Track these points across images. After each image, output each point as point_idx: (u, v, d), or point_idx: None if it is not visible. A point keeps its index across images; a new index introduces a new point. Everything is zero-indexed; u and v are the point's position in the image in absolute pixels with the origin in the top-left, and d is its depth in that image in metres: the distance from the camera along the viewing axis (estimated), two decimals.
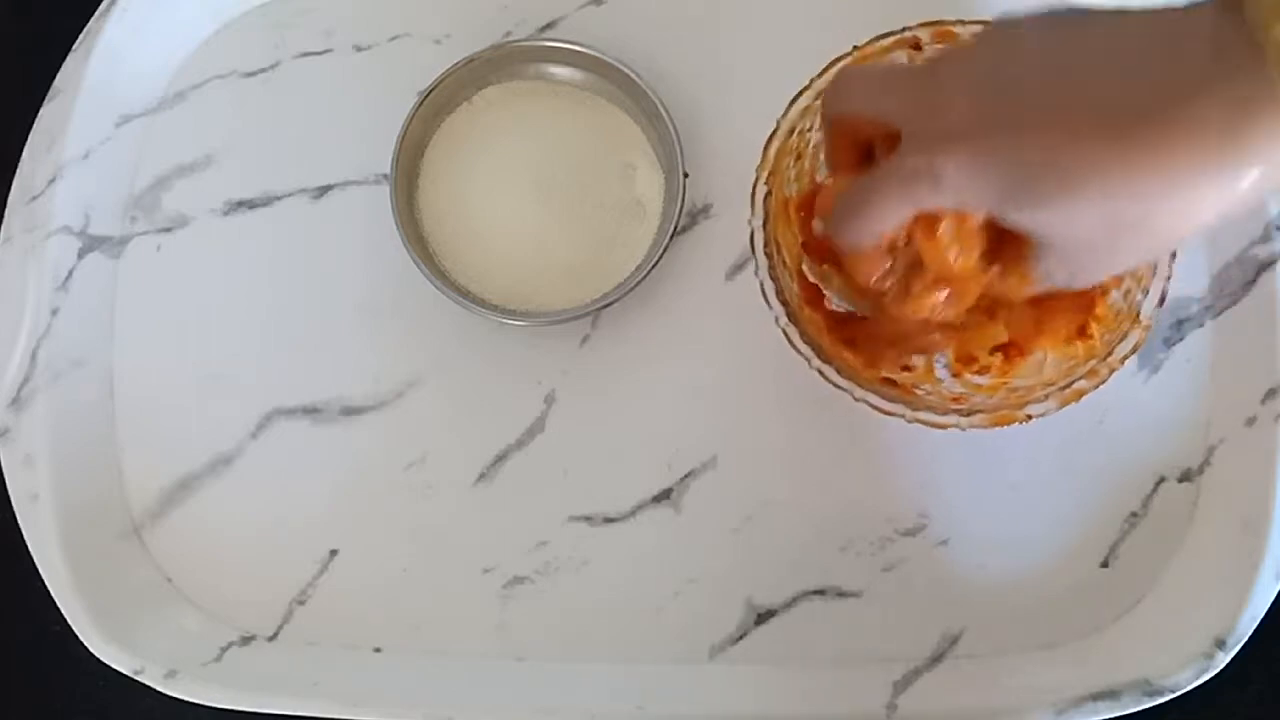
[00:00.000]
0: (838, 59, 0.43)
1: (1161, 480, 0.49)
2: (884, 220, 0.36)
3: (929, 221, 0.36)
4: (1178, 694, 0.45)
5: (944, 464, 0.49)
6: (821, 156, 0.45)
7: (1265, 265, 0.49)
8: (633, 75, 0.50)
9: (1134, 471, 0.49)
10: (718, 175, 0.51)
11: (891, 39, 0.43)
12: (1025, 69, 0.33)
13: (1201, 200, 0.30)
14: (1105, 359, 0.42)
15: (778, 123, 0.43)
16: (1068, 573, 0.49)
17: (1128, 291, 0.43)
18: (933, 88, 0.35)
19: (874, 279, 0.40)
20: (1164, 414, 0.49)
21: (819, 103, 0.43)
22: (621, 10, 0.53)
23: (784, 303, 0.43)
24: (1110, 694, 0.45)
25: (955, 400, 0.43)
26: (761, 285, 0.43)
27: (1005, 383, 0.44)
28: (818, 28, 0.51)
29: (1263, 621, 0.46)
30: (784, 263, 0.44)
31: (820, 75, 0.43)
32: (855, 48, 0.43)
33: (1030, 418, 0.42)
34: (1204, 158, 0.29)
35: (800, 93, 0.44)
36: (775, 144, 0.43)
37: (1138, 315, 0.42)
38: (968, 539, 0.49)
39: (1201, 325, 0.50)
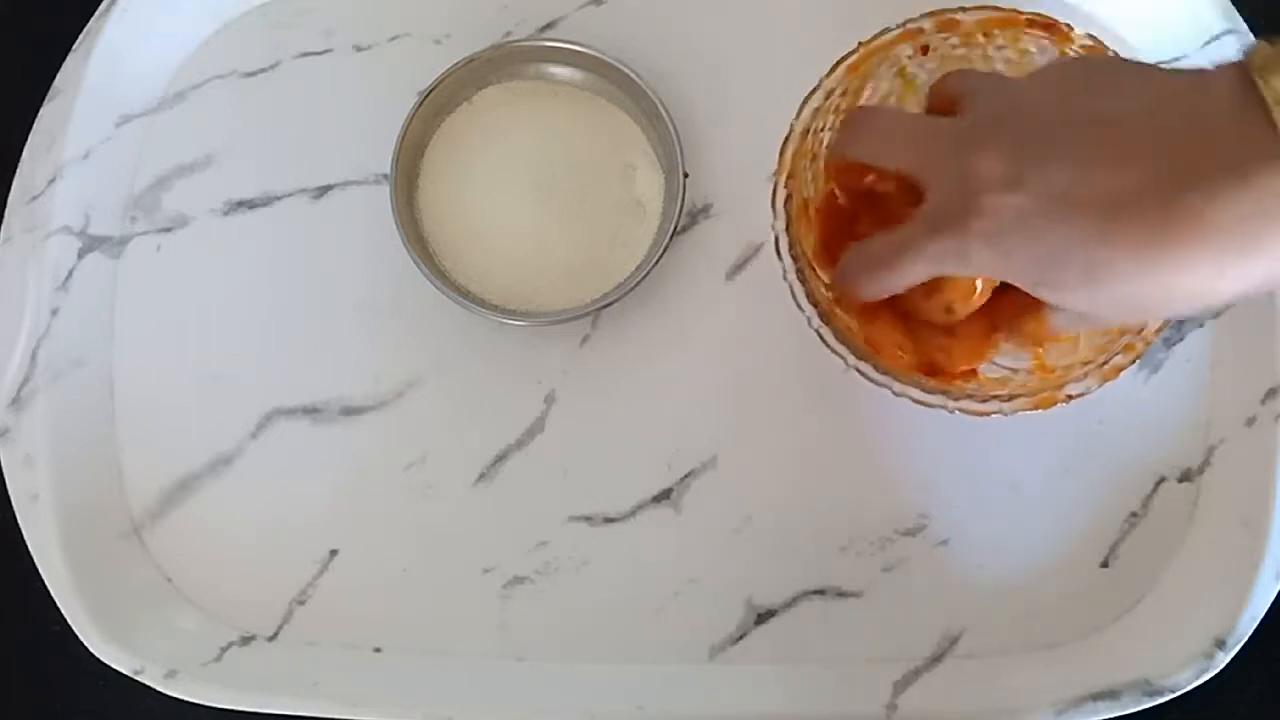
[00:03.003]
0: (844, 57, 0.43)
1: (1161, 480, 0.49)
2: (904, 283, 0.38)
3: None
4: (1178, 694, 0.45)
5: (944, 464, 0.49)
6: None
7: None
8: (633, 75, 0.50)
9: (1134, 471, 0.49)
10: (718, 175, 0.51)
11: (896, 32, 0.43)
12: (1051, 139, 0.33)
13: (1224, 286, 0.31)
14: (1139, 333, 0.42)
15: (791, 126, 0.43)
16: (1068, 573, 0.49)
17: None
18: (958, 160, 0.35)
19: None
20: (1164, 414, 0.49)
21: (830, 102, 0.43)
22: (621, 10, 0.53)
23: (815, 304, 0.43)
24: (1110, 694, 0.45)
25: (995, 385, 0.43)
26: (791, 289, 0.43)
27: (1041, 363, 0.44)
28: (817, 27, 0.51)
29: (1263, 621, 0.46)
30: (810, 265, 0.44)
31: (830, 74, 0.43)
32: (861, 44, 0.43)
33: (1071, 398, 0.42)
34: (1230, 254, 0.30)
35: (811, 94, 0.43)
36: (790, 147, 0.43)
37: None
38: (968, 539, 0.49)
39: (1201, 325, 0.50)
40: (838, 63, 0.43)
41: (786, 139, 0.43)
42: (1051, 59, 0.42)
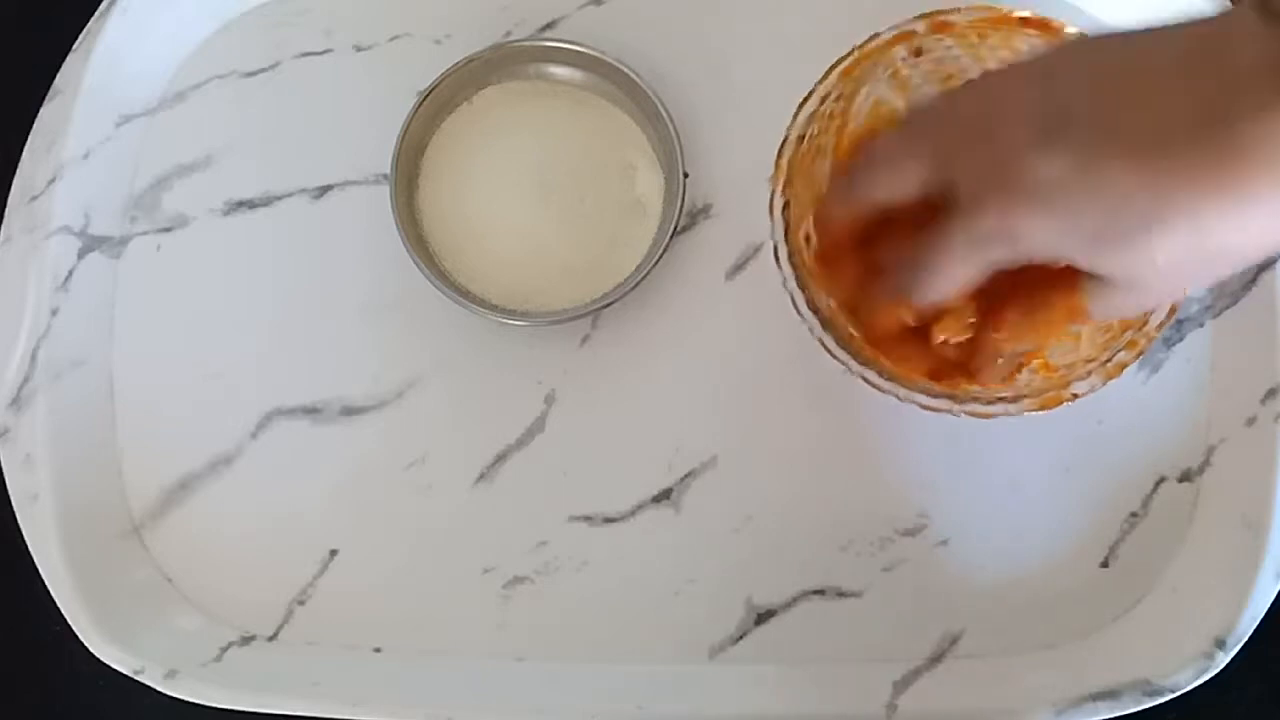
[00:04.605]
0: (837, 62, 0.43)
1: (1161, 480, 0.49)
2: (957, 281, 0.36)
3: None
4: (1178, 694, 0.45)
5: (944, 464, 0.49)
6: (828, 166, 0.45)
7: (1265, 265, 0.49)
8: (633, 75, 0.50)
9: (1134, 471, 0.49)
10: (718, 175, 0.51)
11: (888, 35, 0.43)
12: (1073, 94, 0.32)
13: None
14: (1142, 329, 0.41)
15: (786, 133, 0.43)
16: (1068, 573, 0.49)
17: None
18: (974, 134, 0.34)
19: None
20: (1164, 414, 0.49)
21: (825, 107, 0.43)
22: (621, 10, 0.53)
23: (815, 311, 0.42)
24: (1110, 694, 0.45)
25: (1001, 386, 0.43)
26: (791, 297, 0.43)
27: (1044, 362, 0.44)
28: (817, 27, 0.51)
29: (1263, 621, 0.46)
30: (809, 272, 0.43)
31: (823, 80, 0.43)
32: (855, 48, 0.43)
33: (1077, 396, 0.42)
34: None
35: (805, 99, 0.43)
36: (786, 154, 0.43)
37: None
38: (968, 539, 0.49)
39: (1201, 325, 0.50)
40: (831, 68, 0.43)
41: (782, 146, 0.43)
42: None
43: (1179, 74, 0.30)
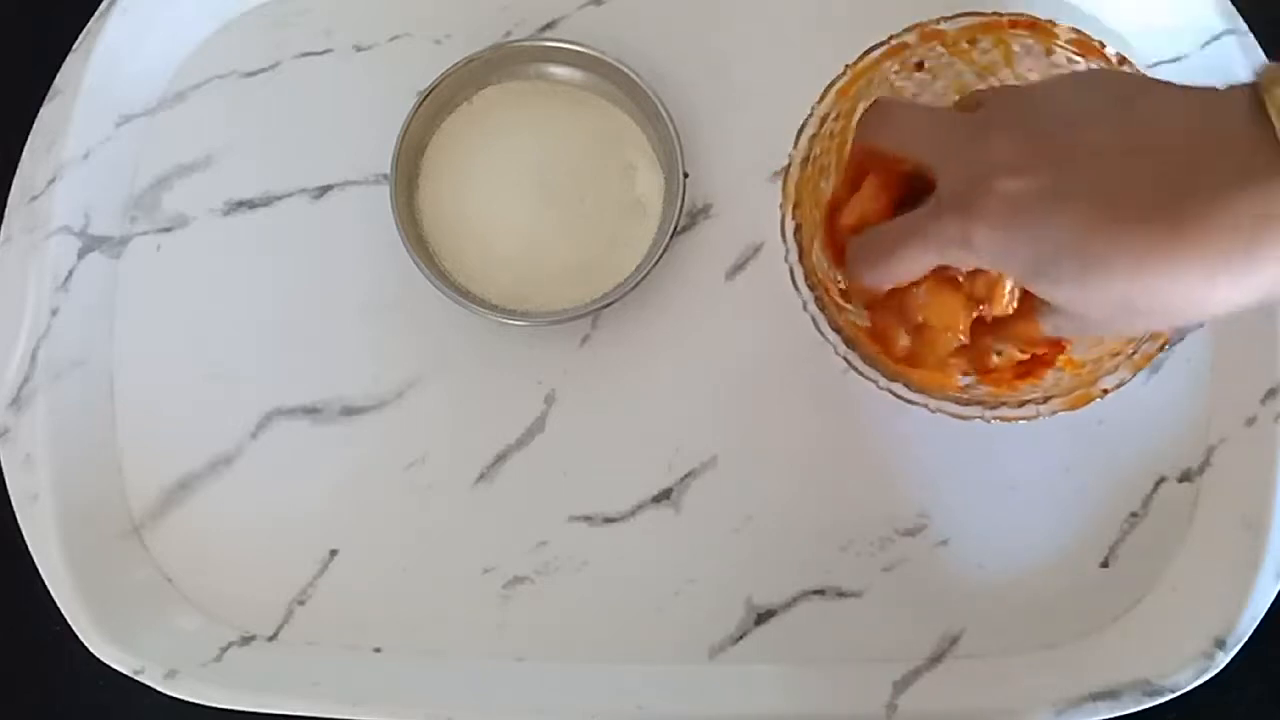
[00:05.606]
0: (833, 83, 0.43)
1: (1161, 480, 0.49)
2: (908, 272, 0.38)
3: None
4: (1178, 694, 0.45)
5: (944, 464, 0.49)
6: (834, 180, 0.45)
7: None
8: (633, 75, 0.50)
9: (1134, 471, 0.49)
10: (718, 175, 0.51)
11: (881, 50, 0.43)
12: (1064, 135, 0.34)
13: (1216, 297, 0.31)
14: None
15: (790, 156, 0.43)
16: (1068, 573, 0.49)
17: None
18: (972, 147, 0.35)
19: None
20: (1164, 414, 0.49)
21: (825, 128, 0.43)
22: (621, 10, 0.53)
23: (837, 329, 0.42)
24: (1110, 694, 0.46)
25: (1029, 389, 0.43)
26: (813, 319, 0.43)
27: (1068, 358, 0.44)
28: (817, 28, 0.51)
29: (1262, 621, 0.46)
30: (828, 292, 0.43)
31: (820, 100, 0.43)
32: (847, 66, 0.43)
33: (1107, 391, 0.42)
34: (1224, 263, 0.30)
35: (805, 122, 0.43)
36: (793, 178, 0.43)
37: None
38: (968, 539, 0.49)
39: (1201, 325, 0.50)
40: (828, 88, 0.43)
41: (787, 170, 0.43)
42: (1038, 56, 0.42)
43: (1163, 138, 0.32)
